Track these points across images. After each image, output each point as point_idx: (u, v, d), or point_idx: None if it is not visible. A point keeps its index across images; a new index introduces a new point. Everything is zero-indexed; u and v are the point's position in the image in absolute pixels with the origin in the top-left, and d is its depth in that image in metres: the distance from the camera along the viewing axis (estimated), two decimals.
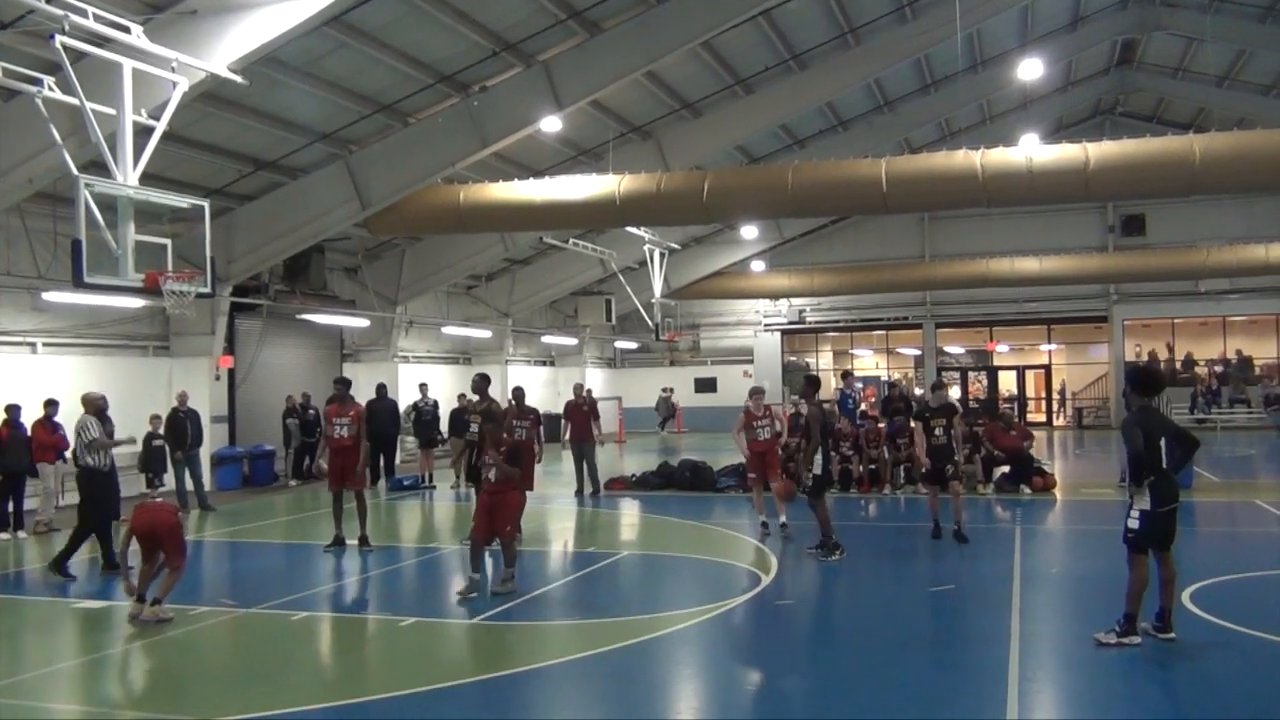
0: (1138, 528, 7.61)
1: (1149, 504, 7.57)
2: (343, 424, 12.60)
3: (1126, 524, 7.69)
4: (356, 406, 12.89)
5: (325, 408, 13.33)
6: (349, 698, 7.01)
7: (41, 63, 12.01)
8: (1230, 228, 30.70)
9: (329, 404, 13.14)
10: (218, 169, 17.95)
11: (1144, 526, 7.60)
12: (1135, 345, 34.93)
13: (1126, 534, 7.70)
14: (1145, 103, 32.09)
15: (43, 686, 7.46)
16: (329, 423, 12.81)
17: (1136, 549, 7.67)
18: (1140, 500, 7.59)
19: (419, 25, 15.57)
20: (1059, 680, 7.25)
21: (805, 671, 7.65)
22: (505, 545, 10.01)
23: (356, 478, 12.69)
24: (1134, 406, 7.95)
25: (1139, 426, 7.66)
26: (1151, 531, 7.61)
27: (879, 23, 20.71)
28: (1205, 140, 16.15)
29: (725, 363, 37.85)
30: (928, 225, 34.94)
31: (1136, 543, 7.65)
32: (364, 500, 12.89)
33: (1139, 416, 7.81)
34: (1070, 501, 16.15)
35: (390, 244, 24.80)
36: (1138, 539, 7.64)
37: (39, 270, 16.79)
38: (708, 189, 17.95)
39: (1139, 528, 7.61)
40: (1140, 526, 7.60)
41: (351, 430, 12.58)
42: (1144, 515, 7.59)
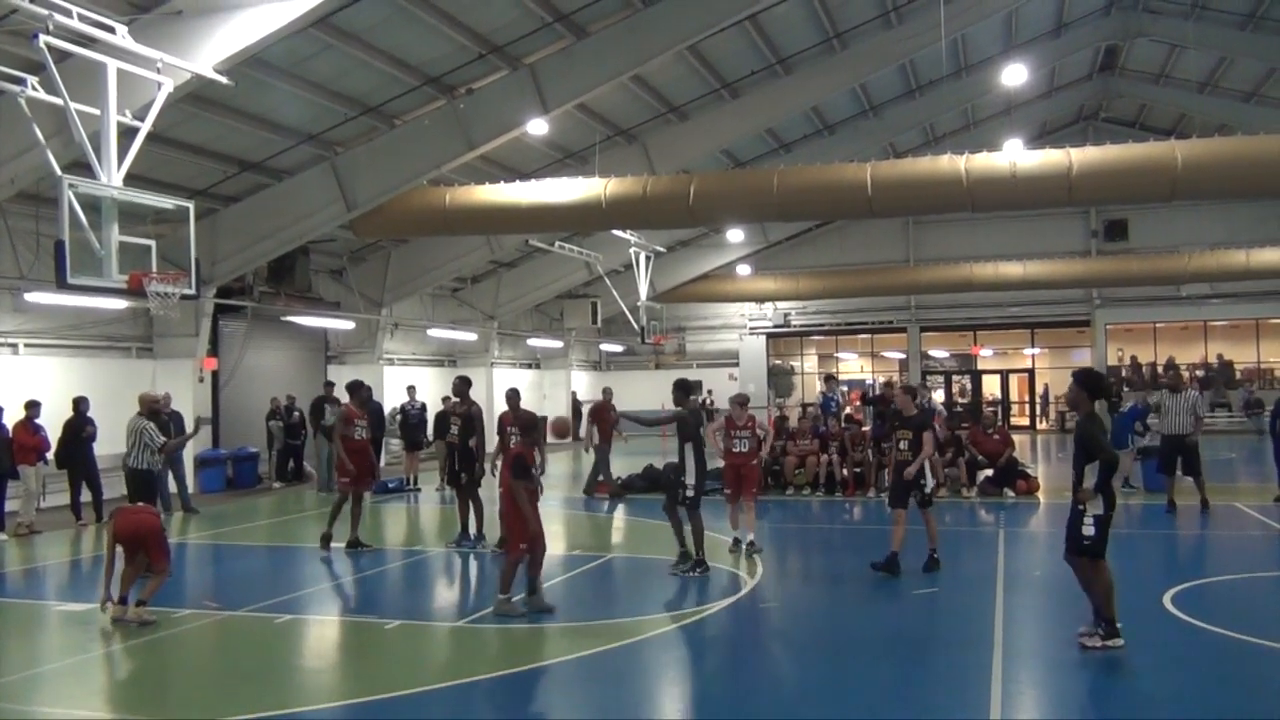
0: (1094, 534, 7.67)
1: (1102, 509, 7.67)
2: (363, 426, 12.92)
3: (1081, 533, 7.69)
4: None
5: (343, 409, 13.42)
6: (333, 701, 7.00)
7: (25, 62, 11.93)
8: (1211, 233, 30.97)
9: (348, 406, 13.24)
10: (203, 170, 17.88)
11: (1099, 532, 7.68)
12: (1118, 349, 35.18)
13: (1082, 542, 7.71)
14: (1128, 109, 32.35)
15: (26, 689, 7.41)
16: (349, 424, 12.90)
17: (1090, 554, 7.74)
18: (1094, 506, 7.67)
19: (405, 27, 15.56)
20: (1042, 682, 7.29)
21: (788, 675, 7.68)
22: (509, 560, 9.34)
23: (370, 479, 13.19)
24: (1084, 410, 7.99)
25: (1101, 431, 7.79)
26: (1104, 536, 7.71)
27: (864, 28, 20.80)
28: (1187, 146, 16.28)
29: (711, 366, 37.88)
30: (912, 229, 35.10)
31: (1094, 549, 7.72)
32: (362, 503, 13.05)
33: (1096, 422, 7.90)
34: (1053, 505, 16.23)
35: (376, 246, 24.74)
36: (1095, 545, 7.71)
37: (21, 271, 16.68)
38: (694, 192, 17.99)
39: (1095, 534, 7.67)
40: (1095, 533, 7.67)
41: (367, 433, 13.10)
42: (1098, 520, 7.67)
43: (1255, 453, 25.55)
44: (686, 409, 10.86)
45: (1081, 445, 7.77)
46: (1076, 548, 7.74)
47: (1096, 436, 7.71)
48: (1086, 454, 7.69)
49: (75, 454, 15.37)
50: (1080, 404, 7.99)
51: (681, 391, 11.06)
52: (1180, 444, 15.02)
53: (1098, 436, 7.72)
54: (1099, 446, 7.63)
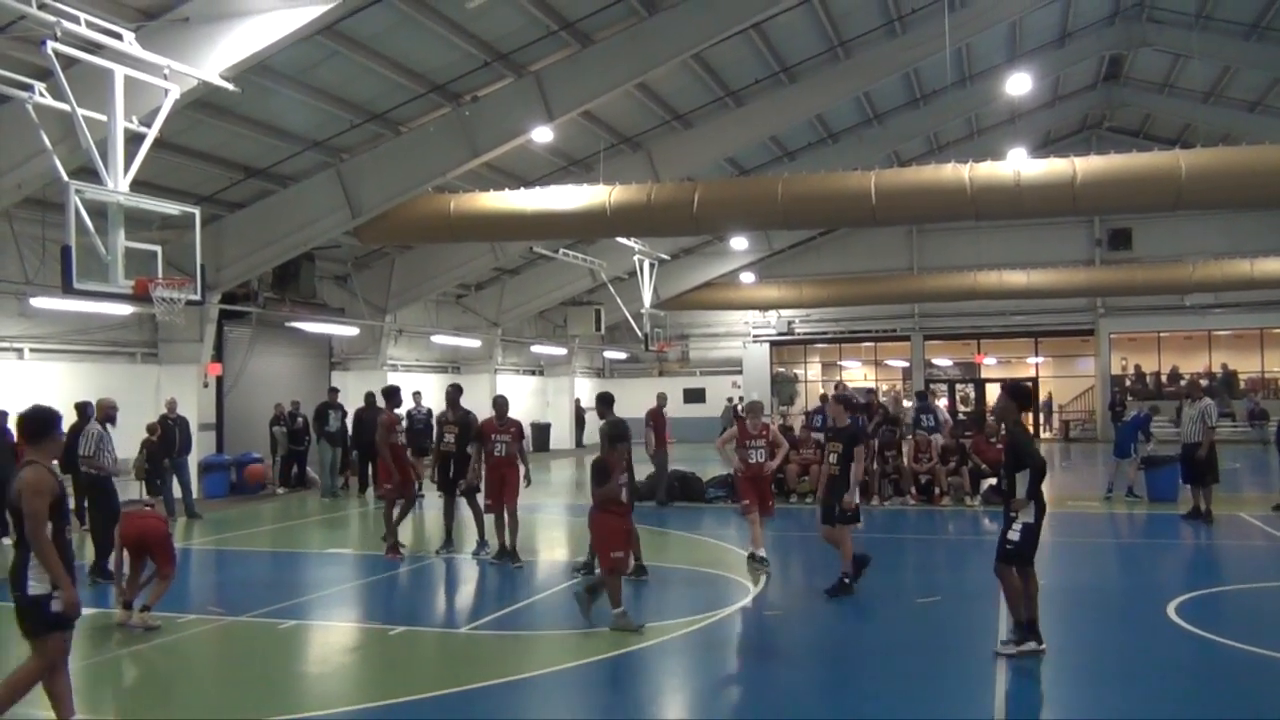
0: (1019, 540, 7.73)
1: (1032, 517, 7.74)
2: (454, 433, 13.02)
3: (1006, 538, 7.77)
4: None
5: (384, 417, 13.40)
6: (336, 706, 7.00)
7: (33, 68, 11.99)
8: (1215, 243, 30.92)
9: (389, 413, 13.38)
10: (208, 176, 17.94)
11: (1024, 539, 7.73)
12: (1121, 358, 35.15)
13: (1005, 546, 7.78)
14: (1132, 118, 32.36)
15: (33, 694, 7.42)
16: (392, 431, 13.09)
17: (1014, 561, 7.79)
18: (1025, 514, 7.72)
19: (411, 35, 15.61)
20: (1045, 693, 7.29)
21: (792, 682, 7.67)
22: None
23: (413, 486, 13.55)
24: (1012, 419, 8.12)
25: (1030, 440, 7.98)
26: (1031, 543, 7.77)
27: (869, 37, 20.84)
28: (1191, 156, 16.29)
29: (714, 373, 37.89)
30: (916, 238, 35.11)
31: (1015, 556, 7.78)
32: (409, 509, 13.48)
33: (1025, 431, 8.06)
34: (1056, 514, 16.18)
35: (380, 252, 24.79)
36: (1018, 551, 7.76)
37: (27, 276, 16.72)
38: (698, 200, 18.02)
39: (1020, 540, 7.73)
40: (1021, 539, 7.73)
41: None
42: (1026, 528, 7.73)
43: (1259, 463, 25.54)
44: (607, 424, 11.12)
45: (1012, 454, 7.91)
46: (1003, 554, 7.82)
47: (1025, 445, 7.88)
48: (1017, 462, 7.80)
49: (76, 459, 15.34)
50: (1008, 413, 8.18)
51: (605, 405, 11.67)
52: (1190, 453, 15.03)
53: (1027, 445, 7.88)
54: (1028, 454, 7.76)
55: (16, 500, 5.65)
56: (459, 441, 12.74)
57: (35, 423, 5.97)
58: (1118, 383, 34.25)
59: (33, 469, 5.74)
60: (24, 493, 5.62)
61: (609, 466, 9.08)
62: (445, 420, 13.04)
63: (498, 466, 12.04)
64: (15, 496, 5.65)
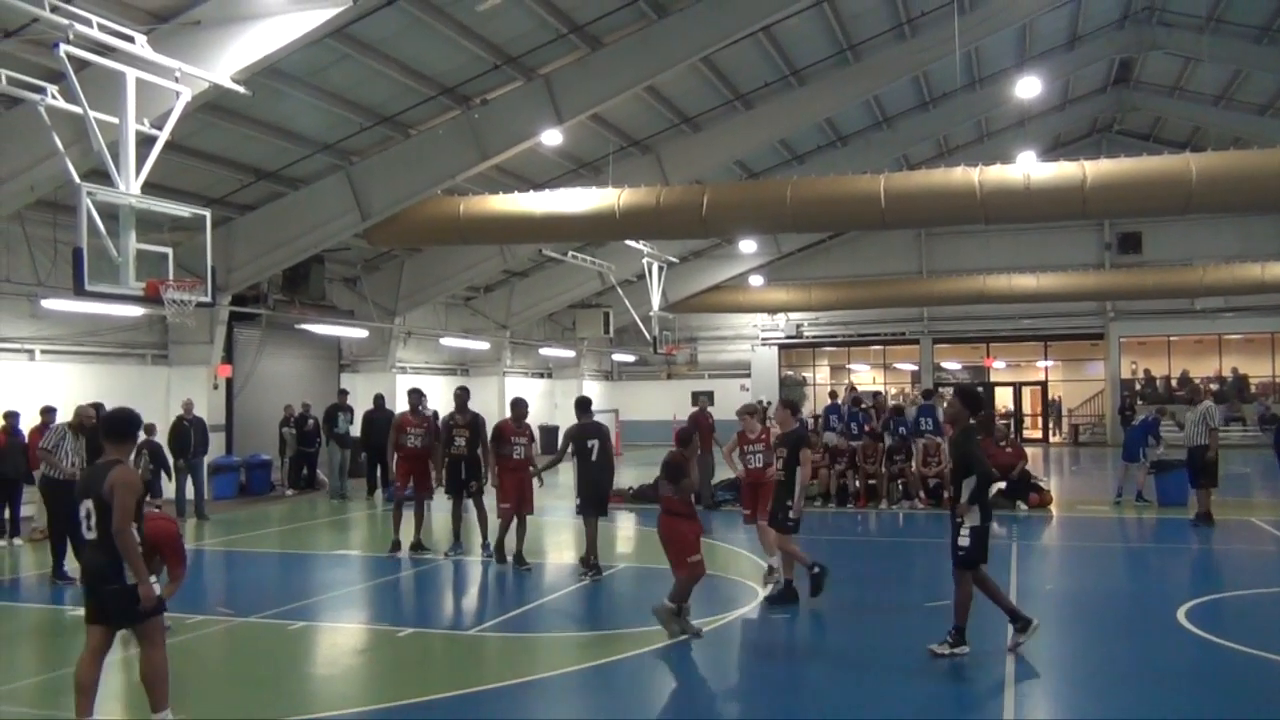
0: (969, 545, 7.75)
1: (979, 520, 7.76)
2: (416, 434, 13.19)
3: (957, 543, 7.78)
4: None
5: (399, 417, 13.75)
6: (345, 708, 7.02)
7: (45, 71, 12.06)
8: (1226, 246, 30.85)
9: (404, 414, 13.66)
10: (219, 179, 18.01)
11: (974, 543, 7.75)
12: (1131, 362, 35.04)
13: (957, 553, 7.79)
14: (1142, 121, 32.29)
15: (39, 694, 7.47)
16: (402, 431, 13.32)
17: (968, 566, 7.82)
18: (971, 519, 7.74)
19: (421, 38, 15.65)
20: (1055, 697, 7.27)
21: (799, 686, 7.66)
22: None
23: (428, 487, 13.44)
24: (962, 424, 8.09)
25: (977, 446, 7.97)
26: (981, 547, 7.79)
27: (878, 40, 20.83)
28: (1201, 159, 16.24)
29: (723, 376, 37.88)
30: (925, 241, 35.06)
31: (968, 560, 7.80)
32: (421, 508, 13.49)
33: (973, 436, 8.02)
34: (1066, 518, 16.18)
35: (389, 255, 24.85)
36: (970, 556, 7.78)
37: (38, 277, 16.81)
38: (707, 203, 18.02)
39: (970, 545, 7.75)
40: (971, 543, 7.74)
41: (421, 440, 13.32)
42: (974, 531, 7.74)
43: (1270, 467, 25.36)
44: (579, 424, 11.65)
45: (958, 459, 7.91)
46: (957, 561, 7.84)
47: (973, 451, 7.87)
48: (964, 468, 7.81)
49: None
50: (959, 418, 8.15)
51: (582, 410, 11.92)
52: (1193, 456, 14.98)
53: (974, 451, 7.88)
54: (975, 460, 7.78)
55: (108, 496, 5.87)
56: (470, 444, 12.75)
57: (119, 423, 6.29)
58: (1127, 387, 34.13)
59: (123, 468, 6.05)
60: (116, 489, 5.86)
61: (683, 465, 8.92)
62: (455, 423, 13.03)
63: (516, 469, 11.94)
64: (107, 492, 5.87)
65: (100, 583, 5.96)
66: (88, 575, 6.10)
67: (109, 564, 5.91)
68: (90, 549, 6.05)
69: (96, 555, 5.99)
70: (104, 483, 5.91)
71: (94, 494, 5.97)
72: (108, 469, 6.01)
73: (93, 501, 5.99)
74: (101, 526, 5.94)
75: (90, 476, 6.17)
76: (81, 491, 6.11)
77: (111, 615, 6.03)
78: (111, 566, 5.91)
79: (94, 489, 5.97)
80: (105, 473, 5.98)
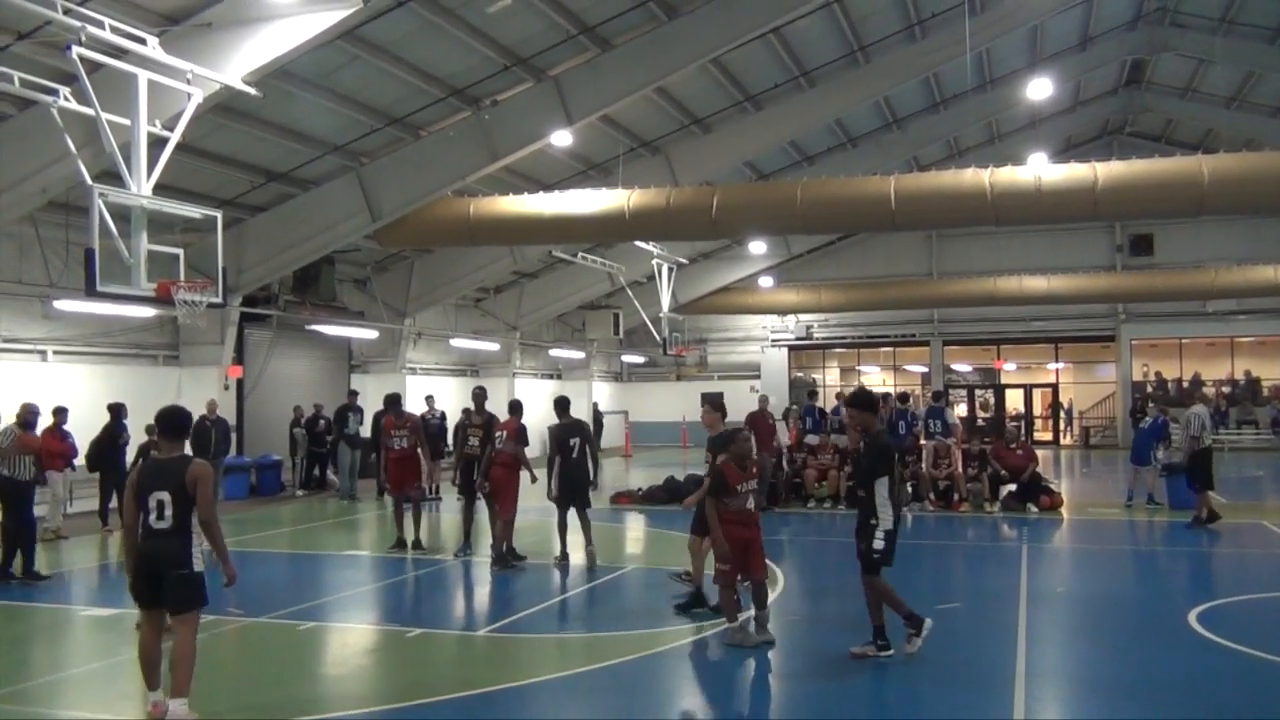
0: (883, 548, 7.77)
1: (892, 524, 7.79)
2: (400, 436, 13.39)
3: (872, 546, 7.76)
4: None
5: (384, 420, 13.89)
6: (354, 708, 7.03)
7: (58, 73, 12.12)
8: (1238, 248, 30.71)
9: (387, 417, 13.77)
10: (230, 180, 18.07)
11: (887, 545, 7.78)
12: (1143, 365, 34.90)
13: (872, 555, 7.78)
14: (1154, 123, 32.17)
15: (51, 693, 7.50)
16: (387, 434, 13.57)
17: (879, 569, 7.84)
18: (885, 521, 7.76)
19: (431, 40, 15.68)
20: (1066, 699, 7.23)
21: (810, 687, 7.64)
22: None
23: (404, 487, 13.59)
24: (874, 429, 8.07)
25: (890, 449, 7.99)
26: (891, 549, 7.82)
27: (888, 41, 20.80)
28: (1214, 161, 16.16)
29: (732, 378, 37.83)
30: (935, 243, 34.99)
31: (881, 563, 7.82)
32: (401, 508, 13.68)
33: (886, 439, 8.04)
34: (1077, 520, 16.12)
35: (399, 256, 24.91)
36: (883, 558, 7.81)
37: (51, 279, 16.90)
38: (716, 205, 18.01)
39: (884, 548, 7.78)
40: (885, 546, 7.77)
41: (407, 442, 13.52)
42: (887, 535, 7.76)
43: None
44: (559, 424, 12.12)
45: (869, 462, 7.90)
46: (870, 565, 7.83)
47: (887, 454, 7.89)
48: (872, 470, 7.82)
49: (109, 459, 15.56)
50: (869, 424, 8.12)
51: (562, 409, 12.33)
52: (1189, 457, 15.05)
53: (888, 454, 7.90)
54: (883, 461, 7.81)
55: (191, 489, 6.31)
56: (483, 445, 12.78)
57: (175, 419, 6.66)
58: (1139, 389, 33.99)
59: (200, 463, 6.48)
60: (201, 483, 6.35)
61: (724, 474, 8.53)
62: (470, 423, 13.06)
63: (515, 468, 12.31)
64: (191, 485, 6.31)
65: (171, 567, 6.29)
66: (154, 561, 6.33)
67: (181, 551, 6.30)
68: (160, 537, 6.30)
69: (169, 542, 6.29)
70: (183, 476, 6.31)
71: (170, 486, 6.31)
72: (183, 464, 6.41)
73: (169, 493, 6.30)
74: (177, 516, 6.30)
75: (159, 470, 6.46)
76: (150, 484, 6.38)
77: (169, 598, 6.34)
78: (184, 553, 6.31)
79: (169, 481, 6.32)
80: (180, 467, 6.37)
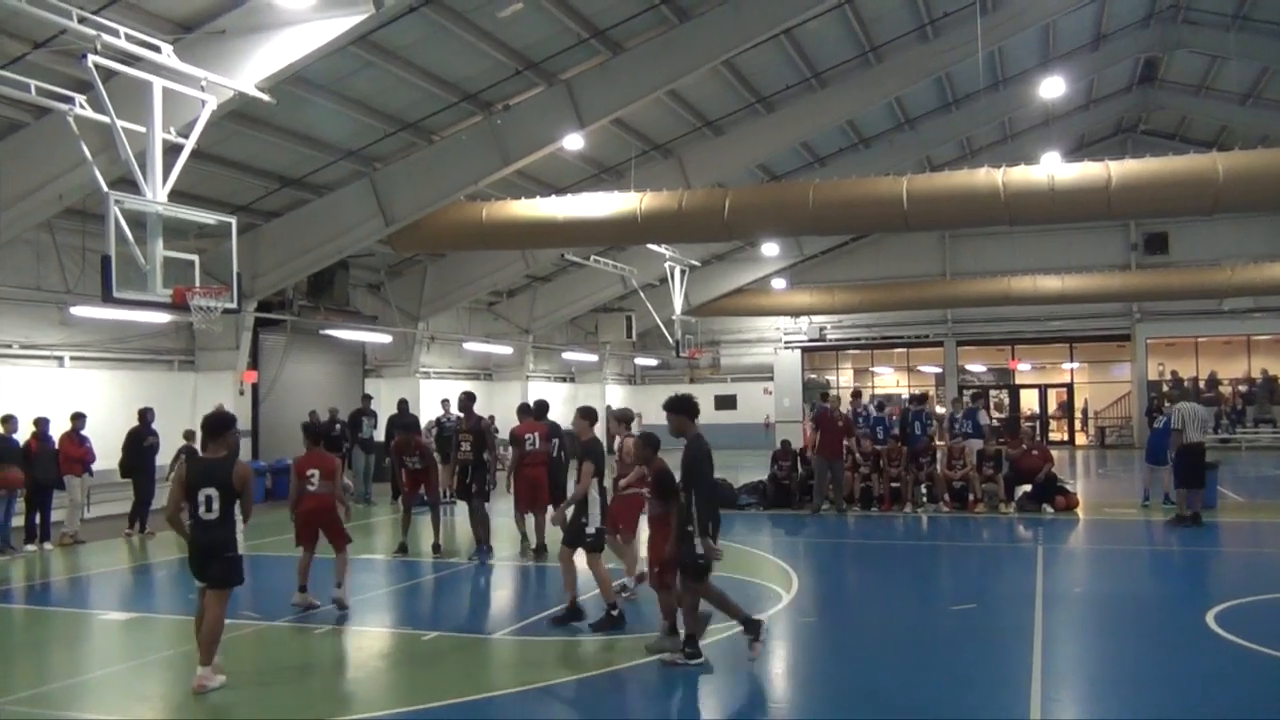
0: (705, 553, 7.75)
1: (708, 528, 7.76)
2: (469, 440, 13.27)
3: (695, 553, 7.71)
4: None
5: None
6: (371, 711, 7.05)
7: (73, 81, 12.21)
8: (1254, 246, 30.50)
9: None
10: (244, 186, 18.15)
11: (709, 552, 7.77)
12: (1159, 364, 34.71)
13: (697, 561, 7.74)
14: (1168, 121, 31.99)
15: (69, 697, 7.55)
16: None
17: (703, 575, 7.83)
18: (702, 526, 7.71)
19: (443, 45, 15.73)
20: (1083, 700, 7.21)
21: (826, 689, 7.64)
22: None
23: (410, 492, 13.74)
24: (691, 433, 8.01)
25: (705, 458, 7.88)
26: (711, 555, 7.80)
27: (900, 41, 20.75)
28: (1229, 158, 16.07)
29: (746, 380, 37.83)
30: (949, 243, 34.88)
31: (706, 569, 7.81)
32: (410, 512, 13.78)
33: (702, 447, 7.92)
34: (1093, 521, 16.06)
35: (413, 260, 24.97)
36: (708, 565, 7.80)
37: (68, 285, 17.01)
38: (729, 207, 18.00)
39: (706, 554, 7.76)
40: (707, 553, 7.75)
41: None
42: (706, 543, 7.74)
43: None
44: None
45: (686, 469, 7.86)
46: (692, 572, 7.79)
47: (700, 463, 7.83)
48: (690, 476, 7.80)
49: (137, 463, 15.69)
50: (686, 428, 8.06)
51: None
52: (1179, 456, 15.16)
53: (701, 463, 7.83)
54: (700, 473, 7.78)
55: (239, 486, 7.43)
56: (475, 449, 12.82)
57: (220, 423, 7.71)
58: (1155, 388, 33.80)
59: (244, 464, 7.60)
60: (246, 479, 7.51)
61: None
62: (460, 428, 13.10)
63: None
64: (239, 483, 7.43)
65: (221, 550, 7.42)
66: (207, 548, 7.42)
67: (227, 538, 7.44)
68: (210, 527, 7.39)
69: (217, 532, 7.41)
70: (229, 475, 7.40)
71: (218, 483, 7.38)
72: (229, 463, 7.49)
73: (216, 489, 7.37)
74: (223, 508, 7.39)
75: (207, 469, 7.49)
76: (199, 481, 7.41)
77: (212, 575, 7.45)
78: (229, 540, 7.45)
79: (218, 479, 7.40)
80: (228, 466, 7.46)
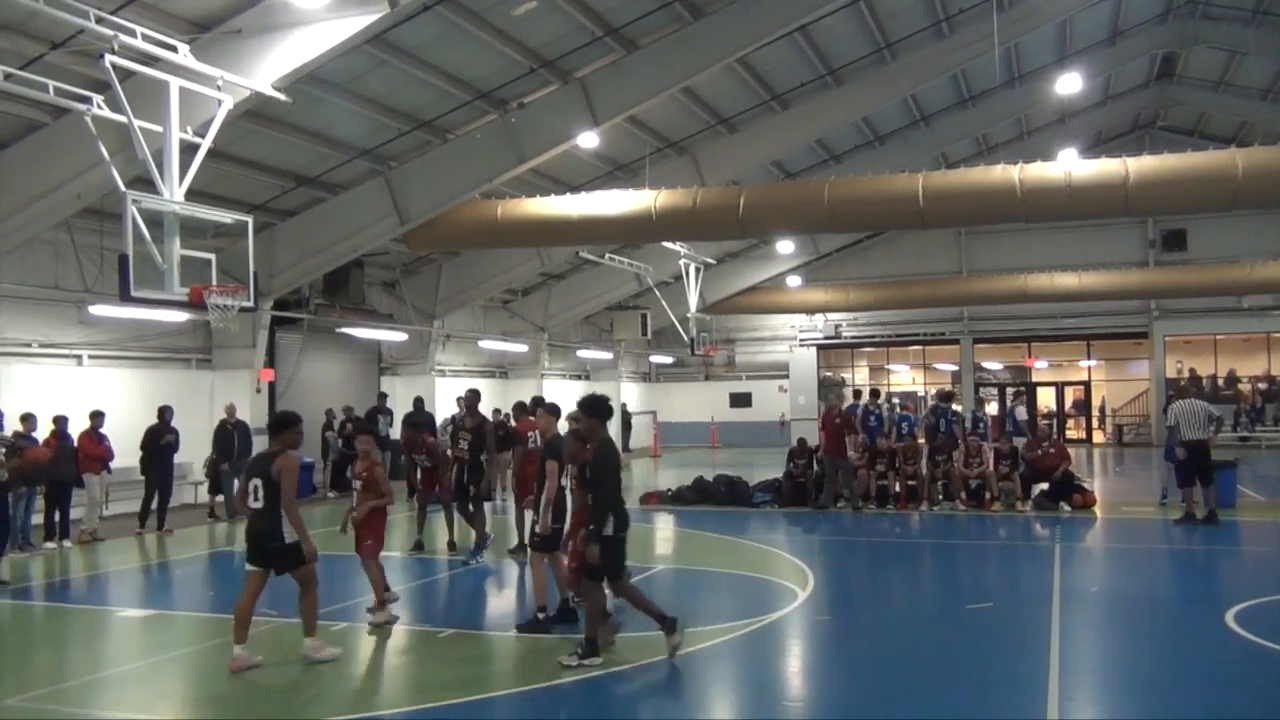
0: (611, 555, 7.75)
1: (611, 530, 7.75)
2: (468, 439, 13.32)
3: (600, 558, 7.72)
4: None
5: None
6: (387, 708, 7.08)
7: (91, 81, 12.28)
8: (1273, 242, 30.23)
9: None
10: (261, 185, 18.23)
11: (608, 555, 7.74)
12: (1177, 361, 34.49)
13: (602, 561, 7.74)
14: (1186, 117, 31.76)
15: (86, 694, 7.59)
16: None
17: (600, 577, 7.84)
18: (609, 527, 7.72)
19: (458, 43, 15.75)
20: (1101, 700, 7.17)
21: (842, 689, 7.62)
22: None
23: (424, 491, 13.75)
24: (600, 436, 8.01)
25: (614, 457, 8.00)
26: (616, 557, 7.81)
27: (916, 38, 20.66)
28: (1248, 154, 15.94)
29: (761, 378, 37.78)
30: (965, 240, 34.74)
31: (602, 572, 7.80)
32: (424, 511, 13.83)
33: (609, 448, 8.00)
34: (1110, 519, 15.97)
35: (428, 259, 25.02)
36: (605, 568, 7.78)
37: (86, 284, 17.12)
38: (743, 204, 17.97)
39: (612, 554, 7.75)
40: (605, 556, 7.73)
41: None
42: (606, 542, 7.71)
43: None
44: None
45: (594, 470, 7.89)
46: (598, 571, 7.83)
47: (608, 463, 7.89)
48: (598, 477, 7.83)
49: (155, 460, 15.79)
50: (594, 430, 8.07)
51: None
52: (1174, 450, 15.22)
53: (609, 464, 7.90)
54: (607, 472, 7.83)
55: (277, 477, 7.70)
56: (472, 448, 12.83)
57: (279, 420, 8.24)
58: (1173, 386, 33.58)
59: (286, 456, 7.86)
60: (285, 472, 7.76)
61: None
62: (462, 426, 13.12)
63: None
64: (276, 474, 7.71)
65: (266, 541, 7.76)
66: (253, 536, 7.81)
67: (270, 526, 7.71)
68: (257, 515, 7.76)
69: (262, 520, 7.75)
70: (272, 467, 7.71)
71: (262, 474, 7.73)
72: (274, 456, 7.80)
73: (260, 480, 7.73)
74: (267, 498, 7.70)
75: (257, 460, 7.96)
76: (250, 471, 7.88)
77: (276, 566, 7.85)
78: (273, 530, 7.70)
79: (263, 470, 7.75)
80: (272, 459, 7.77)
